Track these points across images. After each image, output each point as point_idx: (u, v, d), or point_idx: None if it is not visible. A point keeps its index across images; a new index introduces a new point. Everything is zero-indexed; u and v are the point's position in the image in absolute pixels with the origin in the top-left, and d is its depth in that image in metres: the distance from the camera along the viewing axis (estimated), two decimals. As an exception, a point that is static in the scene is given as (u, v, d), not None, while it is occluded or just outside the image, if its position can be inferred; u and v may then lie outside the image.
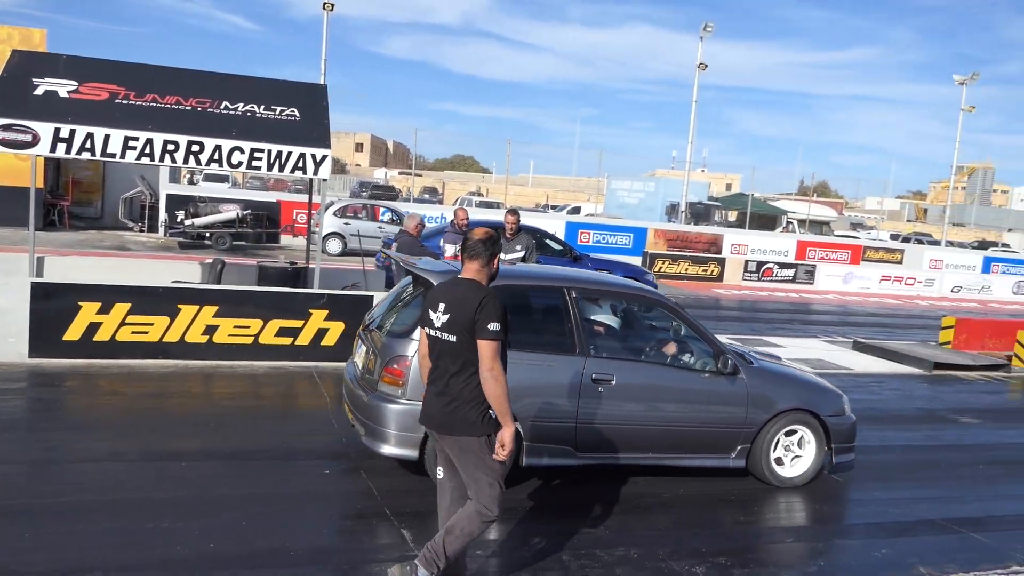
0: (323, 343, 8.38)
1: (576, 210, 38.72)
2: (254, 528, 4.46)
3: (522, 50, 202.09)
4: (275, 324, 8.23)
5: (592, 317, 6.01)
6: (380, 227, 20.39)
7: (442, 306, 3.75)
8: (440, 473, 3.94)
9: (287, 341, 8.29)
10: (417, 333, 4.49)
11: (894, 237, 43.83)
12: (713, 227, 31.56)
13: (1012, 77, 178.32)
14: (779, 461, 5.88)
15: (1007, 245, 48.82)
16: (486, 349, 3.59)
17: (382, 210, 21.60)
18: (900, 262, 30.42)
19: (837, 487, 6.16)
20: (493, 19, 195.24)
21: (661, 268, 23.33)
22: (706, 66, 29.77)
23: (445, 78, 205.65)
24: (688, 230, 28.62)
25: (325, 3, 28.27)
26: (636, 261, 21.99)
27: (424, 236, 14.50)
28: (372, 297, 8.52)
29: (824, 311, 20.31)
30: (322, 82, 19.20)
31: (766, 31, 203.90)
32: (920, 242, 38.90)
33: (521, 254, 8.41)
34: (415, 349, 4.80)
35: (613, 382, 5.37)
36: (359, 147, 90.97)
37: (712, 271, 24.44)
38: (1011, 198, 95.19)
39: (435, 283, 4.78)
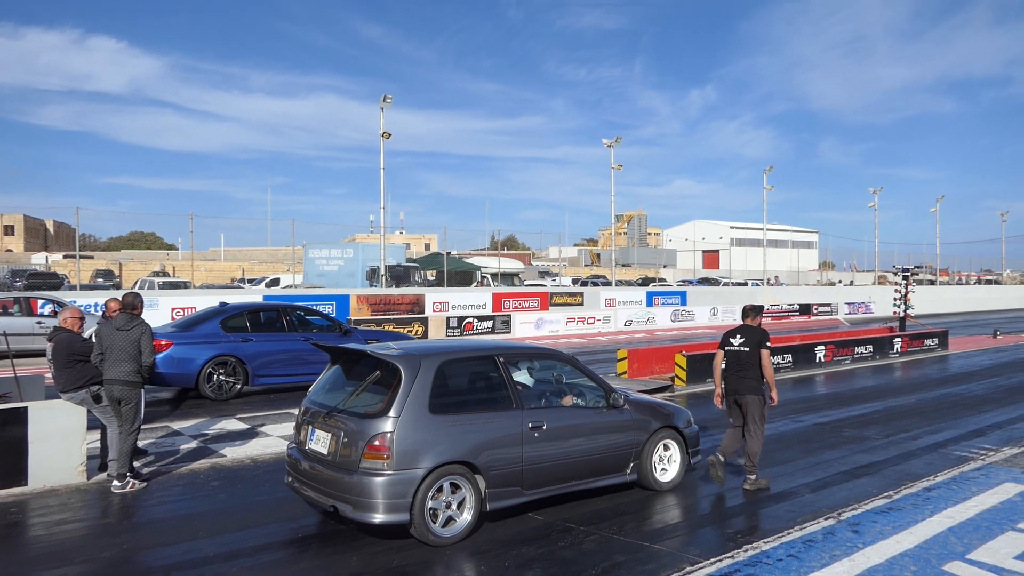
0: (-38, 472, 6.99)
1: (275, 282, 37.30)
2: None
3: (204, 120, 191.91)
4: None
5: (514, 376, 6.80)
6: (39, 323, 17.73)
7: (738, 335, 7.72)
8: (732, 421, 7.77)
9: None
10: (392, 411, 5.75)
11: (575, 281, 48.65)
12: (414, 288, 32.36)
13: (649, 139, 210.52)
14: (660, 470, 7.34)
15: (663, 280, 56.80)
16: (766, 353, 7.56)
17: (41, 302, 18.80)
18: (581, 303, 33.78)
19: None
20: (167, 88, 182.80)
21: (367, 333, 23.29)
22: (389, 135, 30.75)
23: (116, 150, 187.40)
24: (390, 293, 29.03)
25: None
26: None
27: (186, 323, 12.99)
28: (26, 409, 7.34)
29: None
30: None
31: (448, 101, 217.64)
32: (596, 284, 43.63)
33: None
34: (392, 426, 5.70)
35: (544, 427, 6.46)
36: (9, 230, 79.28)
37: (416, 331, 24.98)
38: (662, 239, 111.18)
39: (399, 366, 6.00)
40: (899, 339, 20.92)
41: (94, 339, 7.68)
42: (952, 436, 10.28)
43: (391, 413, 5.76)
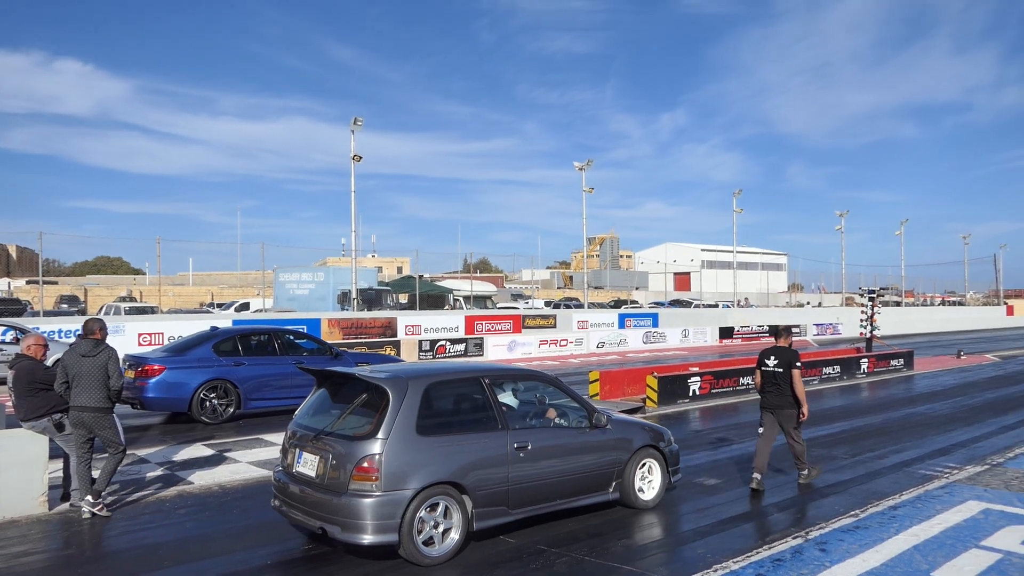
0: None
1: (245, 306, 36.94)
2: None
3: (172, 143, 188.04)
4: None
5: (499, 397, 6.87)
6: (0, 350, 17.37)
7: (772, 356, 8.52)
8: (761, 430, 8.61)
9: None
10: (381, 433, 5.81)
11: (548, 304, 48.81)
12: (386, 311, 32.26)
13: (621, 162, 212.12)
14: (640, 489, 7.47)
15: (635, 302, 57.19)
16: (796, 373, 8.36)
17: (2, 329, 18.43)
18: (554, 326, 33.88)
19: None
20: (135, 111, 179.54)
21: (338, 357, 23.09)
22: (360, 157, 30.73)
23: (82, 174, 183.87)
24: (362, 316, 28.89)
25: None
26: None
27: (177, 348, 12.94)
28: (-15, 438, 7.17)
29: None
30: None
31: (420, 124, 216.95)
32: (568, 306, 43.80)
33: None
34: (380, 448, 5.76)
35: (529, 447, 6.54)
36: (-29, 256, 77.70)
37: (388, 354, 24.82)
38: (634, 261, 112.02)
39: (387, 388, 6.06)
40: (866, 360, 21.25)
41: (59, 367, 7.55)
42: (917, 455, 10.46)
43: (379, 435, 5.82)
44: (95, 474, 8.12)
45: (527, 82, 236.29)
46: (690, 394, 15.43)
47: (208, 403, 12.52)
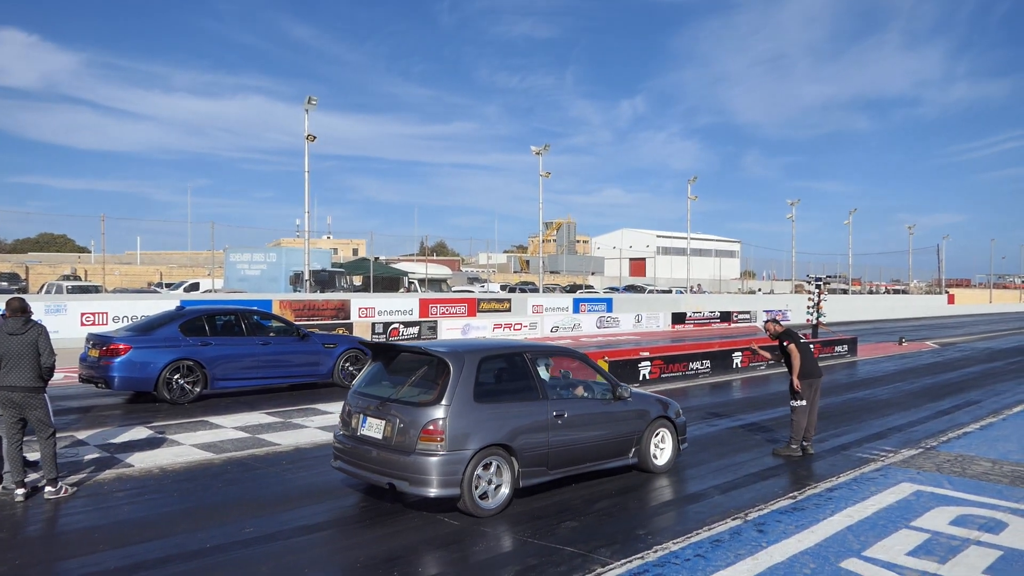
0: None
1: (194, 287, 36.18)
2: None
3: (121, 118, 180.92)
4: None
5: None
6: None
7: (801, 334, 9.91)
8: (805, 403, 9.49)
9: None
10: (444, 399, 6.58)
11: (503, 288, 48.83)
12: (340, 293, 31.90)
13: (580, 148, 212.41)
14: (654, 455, 8.32)
15: (591, 287, 57.59)
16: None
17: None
18: (509, 310, 33.92)
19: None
20: (83, 85, 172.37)
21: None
22: (315, 137, 30.25)
23: (26, 148, 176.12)
24: (315, 298, 28.52)
25: None
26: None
27: (143, 327, 12.96)
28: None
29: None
30: None
31: (378, 105, 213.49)
32: (524, 291, 43.88)
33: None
34: (444, 413, 6.52)
35: (566, 415, 7.35)
36: (-95, 230, 74.45)
37: (352, 336, 24.56)
38: (591, 246, 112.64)
39: (448, 360, 6.81)
40: (812, 346, 21.71)
41: None
42: (855, 439, 10.77)
43: (443, 402, 6.58)
44: (30, 457, 7.91)
45: (487, 66, 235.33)
46: (640, 378, 15.62)
47: (174, 383, 12.34)
